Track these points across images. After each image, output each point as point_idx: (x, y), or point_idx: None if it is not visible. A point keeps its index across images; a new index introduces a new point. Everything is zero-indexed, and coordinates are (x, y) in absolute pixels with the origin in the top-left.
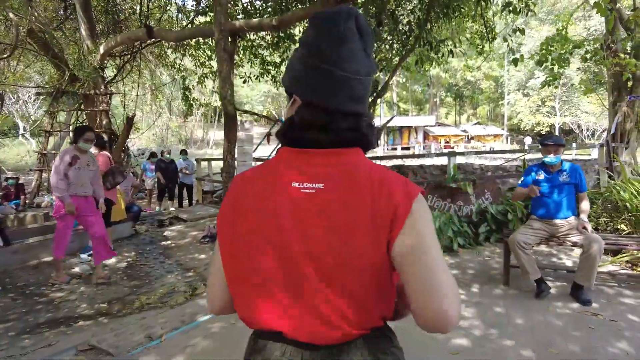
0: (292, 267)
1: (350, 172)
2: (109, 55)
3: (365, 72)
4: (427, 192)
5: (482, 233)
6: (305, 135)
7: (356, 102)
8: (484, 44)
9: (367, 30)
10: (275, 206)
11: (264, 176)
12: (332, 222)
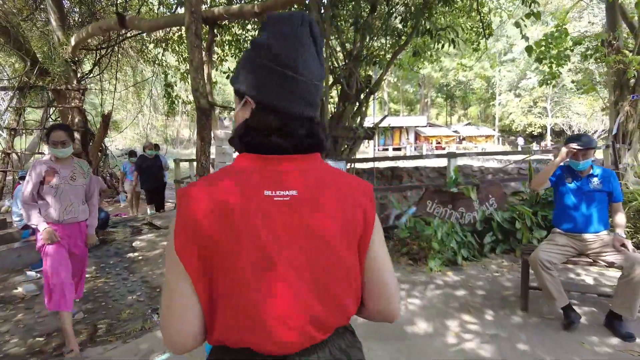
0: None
1: (319, 178)
2: (85, 49)
3: (319, 77)
4: (426, 197)
5: (487, 244)
6: (267, 141)
7: (312, 107)
8: (480, 40)
9: (319, 36)
10: (248, 217)
11: (228, 186)
12: (312, 230)
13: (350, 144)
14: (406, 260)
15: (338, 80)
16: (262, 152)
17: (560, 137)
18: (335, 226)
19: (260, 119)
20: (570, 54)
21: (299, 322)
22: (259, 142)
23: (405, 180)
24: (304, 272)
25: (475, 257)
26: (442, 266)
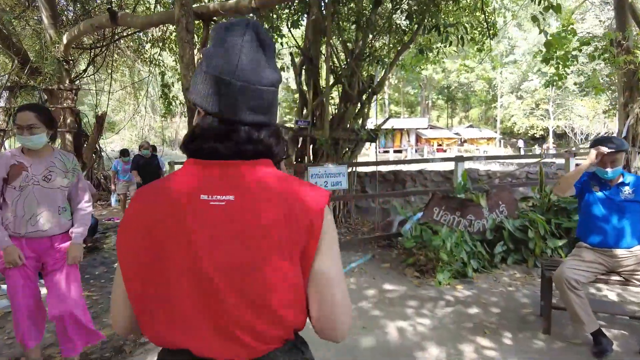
0: (202, 283)
1: (261, 184)
2: (79, 48)
3: (267, 82)
4: (433, 203)
5: (498, 254)
6: (204, 146)
7: (256, 112)
8: (484, 40)
9: (268, 41)
10: (183, 221)
11: (168, 190)
12: (245, 236)
13: (351, 146)
14: (413, 272)
15: (339, 80)
16: (204, 158)
17: (562, 139)
18: (271, 234)
19: (203, 126)
20: (578, 55)
21: (231, 329)
22: (198, 148)
23: (409, 185)
24: (235, 278)
25: (485, 268)
26: (451, 279)
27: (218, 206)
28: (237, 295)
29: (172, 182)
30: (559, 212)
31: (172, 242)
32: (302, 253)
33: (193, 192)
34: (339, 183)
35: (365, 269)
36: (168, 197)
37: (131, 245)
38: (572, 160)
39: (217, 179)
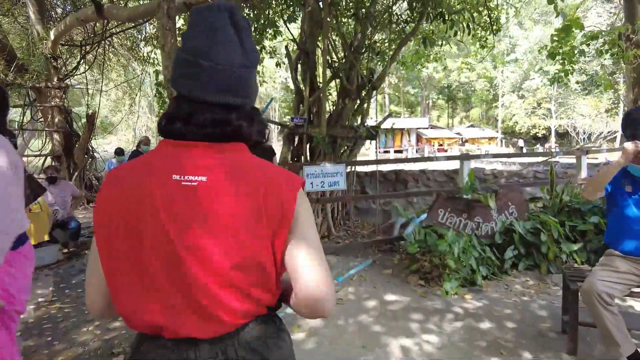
0: (174, 262)
1: (234, 167)
2: (69, 45)
3: (240, 64)
4: (438, 205)
5: (508, 259)
6: (172, 127)
7: (226, 94)
8: (487, 35)
9: (244, 24)
10: (154, 200)
11: (141, 170)
12: (216, 216)
13: (350, 145)
14: (417, 279)
15: (337, 74)
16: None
17: (564, 138)
18: (242, 215)
19: (174, 108)
20: (585, 49)
21: (203, 306)
22: (167, 129)
23: (411, 185)
24: (204, 257)
25: (495, 275)
26: (459, 287)
27: (189, 186)
28: (207, 274)
29: (144, 162)
30: (572, 213)
31: (144, 221)
32: (273, 234)
33: (165, 172)
34: (337, 183)
35: (365, 276)
36: (140, 177)
37: (105, 223)
38: (584, 158)
39: (189, 159)
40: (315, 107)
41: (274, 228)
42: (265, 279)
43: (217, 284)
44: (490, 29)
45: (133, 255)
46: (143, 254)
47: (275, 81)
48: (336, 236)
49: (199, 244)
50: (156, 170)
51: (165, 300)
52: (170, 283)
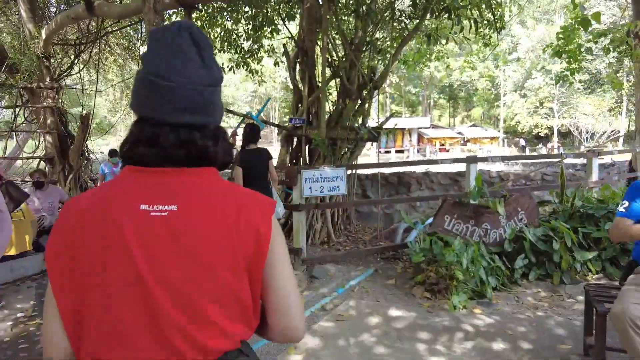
0: (144, 297)
1: (204, 193)
2: (63, 44)
3: (202, 82)
4: (444, 211)
5: (519, 269)
6: (133, 151)
7: (188, 113)
8: (492, 33)
9: (204, 41)
10: (121, 232)
11: (105, 199)
12: (188, 248)
13: (351, 147)
14: (422, 291)
15: (337, 73)
16: (138, 165)
17: (567, 138)
18: (215, 246)
19: (137, 131)
20: (592, 47)
21: (171, 343)
22: (129, 154)
23: (414, 188)
24: (177, 292)
25: (504, 285)
26: (468, 300)
27: (159, 217)
28: (180, 309)
29: (108, 191)
30: (584, 219)
31: (110, 255)
32: (248, 265)
33: (131, 202)
34: (337, 188)
35: (366, 287)
36: (104, 207)
37: (62, 258)
38: (595, 160)
39: (157, 187)
40: (315, 107)
41: (250, 258)
42: (243, 312)
43: (191, 320)
44: (494, 26)
45: (96, 291)
46: (109, 289)
47: (275, 81)
48: (336, 242)
49: (172, 278)
50: (122, 200)
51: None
52: (139, 319)
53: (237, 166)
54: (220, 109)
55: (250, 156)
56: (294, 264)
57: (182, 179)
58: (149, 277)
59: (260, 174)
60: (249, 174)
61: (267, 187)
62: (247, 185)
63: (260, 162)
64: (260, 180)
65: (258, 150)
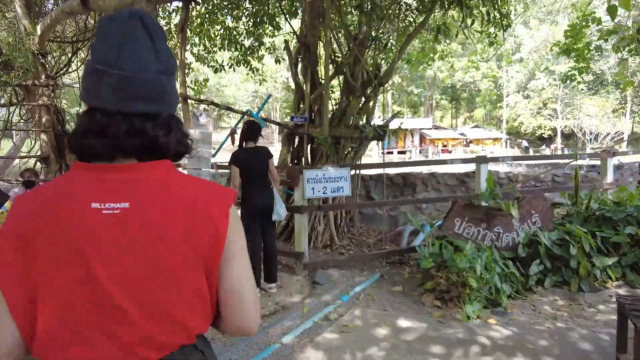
0: (97, 296)
1: (159, 188)
2: (60, 41)
3: (154, 70)
4: (455, 213)
5: (534, 275)
6: (83, 143)
7: (139, 102)
8: (497, 32)
9: (156, 29)
10: (71, 231)
11: (54, 198)
12: (142, 245)
13: (355, 146)
14: (432, 300)
15: (340, 70)
16: (86, 157)
17: (570, 139)
18: (170, 241)
19: (84, 121)
20: (602, 45)
21: (126, 341)
22: (78, 146)
23: (419, 189)
24: (132, 289)
25: (519, 293)
26: (482, 309)
27: (112, 215)
28: (135, 307)
29: (57, 189)
30: (602, 222)
31: (61, 254)
32: (205, 259)
33: (82, 200)
34: (341, 189)
35: (372, 294)
36: (53, 206)
37: (11, 258)
38: (610, 161)
39: (107, 185)
40: (317, 105)
41: (206, 252)
42: (199, 306)
43: (147, 317)
44: (500, 24)
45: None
46: (61, 289)
47: (276, 81)
48: (339, 245)
49: (126, 276)
50: (72, 199)
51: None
52: (93, 318)
53: (233, 166)
54: (174, 98)
55: (248, 155)
56: (296, 268)
57: (133, 174)
58: (102, 275)
59: (259, 173)
60: (247, 174)
61: (267, 187)
62: (246, 186)
63: (259, 161)
64: (259, 180)
65: (257, 149)
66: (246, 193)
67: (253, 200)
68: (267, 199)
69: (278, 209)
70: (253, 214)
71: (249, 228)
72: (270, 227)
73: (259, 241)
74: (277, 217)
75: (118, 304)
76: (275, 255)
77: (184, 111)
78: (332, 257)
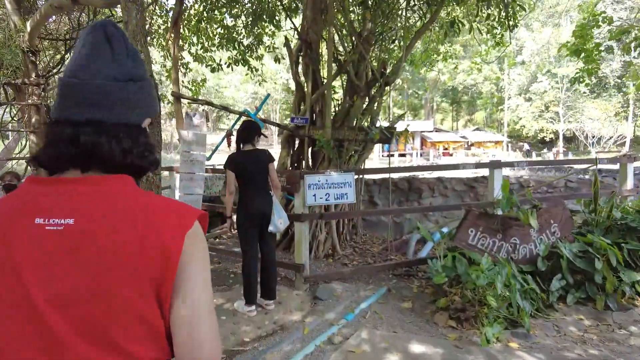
0: (33, 319)
1: (109, 204)
2: (52, 39)
3: (108, 76)
4: (469, 223)
5: (555, 291)
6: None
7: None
8: (503, 31)
9: (118, 36)
10: (9, 247)
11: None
12: (86, 265)
13: (359, 149)
14: (446, 319)
15: (344, 68)
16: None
17: (572, 143)
18: (115, 263)
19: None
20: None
21: None
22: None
23: (425, 195)
24: (72, 312)
25: (539, 311)
26: (502, 330)
27: (55, 231)
28: (75, 332)
29: (8, 204)
30: (626, 233)
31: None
32: (156, 286)
33: (26, 216)
34: (344, 195)
35: (379, 312)
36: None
37: None
38: (630, 166)
39: (53, 199)
40: (319, 105)
41: (157, 279)
42: (148, 335)
43: (88, 343)
44: (506, 24)
45: None
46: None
47: (276, 82)
48: (342, 255)
49: (65, 298)
50: (17, 214)
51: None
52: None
53: (228, 170)
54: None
55: (245, 158)
56: (296, 281)
57: (84, 188)
58: (38, 297)
59: (257, 178)
60: (243, 178)
61: (266, 193)
62: (242, 191)
63: (257, 164)
64: (257, 185)
65: (255, 152)
66: (242, 199)
67: (249, 207)
68: (266, 206)
69: (275, 219)
70: (249, 222)
71: (245, 237)
72: (269, 238)
73: (255, 253)
74: (273, 228)
75: (55, 328)
76: (275, 269)
77: (176, 111)
78: (334, 268)
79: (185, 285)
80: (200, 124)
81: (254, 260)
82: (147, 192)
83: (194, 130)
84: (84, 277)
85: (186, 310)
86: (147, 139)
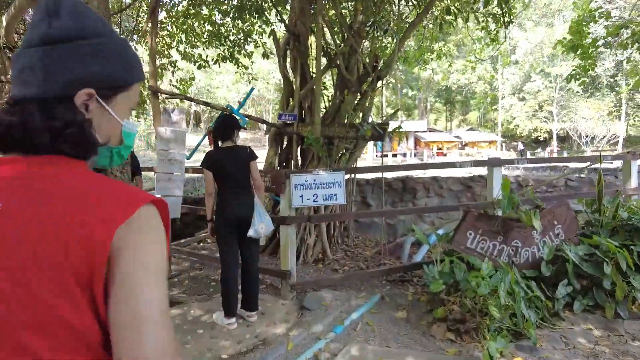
0: None
1: (39, 189)
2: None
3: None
4: (467, 225)
5: (561, 298)
6: None
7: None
8: (499, 28)
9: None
10: None
11: None
12: (8, 260)
13: (350, 146)
14: (444, 331)
15: (334, 62)
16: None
17: (565, 142)
18: (38, 256)
19: None
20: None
21: None
22: None
23: (420, 195)
24: None
25: (544, 320)
26: (507, 344)
27: None
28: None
29: None
30: (634, 234)
31: None
32: (86, 283)
33: None
34: (334, 196)
35: (371, 322)
36: None
37: None
38: (634, 164)
39: None
40: (308, 101)
41: (82, 273)
42: (77, 341)
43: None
44: (501, 20)
45: None
46: None
47: (268, 82)
48: (333, 260)
49: None
50: None
51: None
52: None
53: (205, 169)
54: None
55: (224, 155)
56: (281, 289)
57: (16, 171)
58: None
59: (236, 177)
60: (222, 177)
61: (247, 194)
62: (222, 193)
63: (236, 162)
64: (236, 185)
65: (235, 149)
66: (220, 202)
67: (227, 211)
68: (246, 208)
69: (255, 223)
70: (228, 226)
71: (223, 243)
72: (251, 243)
73: (234, 260)
74: (253, 233)
75: None
76: (256, 278)
77: (153, 106)
78: (324, 274)
79: (124, 283)
80: (179, 120)
81: (234, 268)
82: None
83: (172, 127)
84: (6, 277)
85: (125, 315)
86: (73, 113)
